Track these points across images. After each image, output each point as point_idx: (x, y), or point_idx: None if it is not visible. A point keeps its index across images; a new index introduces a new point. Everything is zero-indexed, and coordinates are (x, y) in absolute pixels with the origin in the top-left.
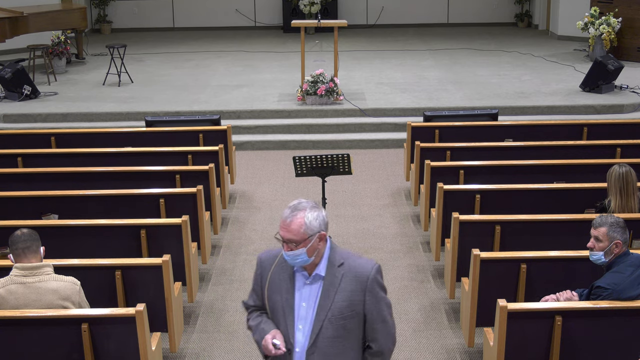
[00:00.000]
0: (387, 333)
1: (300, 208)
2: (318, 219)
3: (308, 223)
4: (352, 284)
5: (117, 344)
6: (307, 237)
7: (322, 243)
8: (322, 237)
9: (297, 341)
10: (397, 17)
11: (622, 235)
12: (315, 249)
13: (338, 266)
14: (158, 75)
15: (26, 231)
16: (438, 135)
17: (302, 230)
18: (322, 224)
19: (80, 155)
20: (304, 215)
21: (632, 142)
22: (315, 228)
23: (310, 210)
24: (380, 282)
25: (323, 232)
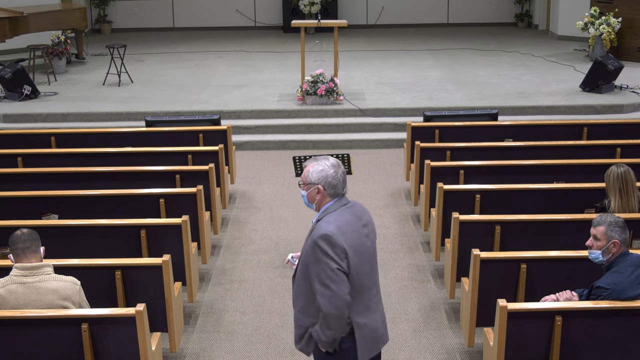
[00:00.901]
0: (323, 295)
1: (315, 160)
2: (320, 173)
3: (310, 173)
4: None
5: (117, 344)
6: (307, 183)
7: (320, 197)
8: (319, 191)
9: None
10: (397, 17)
11: (621, 235)
12: (313, 198)
13: (316, 222)
14: (158, 75)
15: (26, 231)
16: (438, 135)
17: (306, 176)
18: (322, 180)
19: (80, 155)
20: (313, 165)
21: (632, 142)
22: (313, 180)
23: (318, 164)
24: (320, 246)
25: (319, 187)
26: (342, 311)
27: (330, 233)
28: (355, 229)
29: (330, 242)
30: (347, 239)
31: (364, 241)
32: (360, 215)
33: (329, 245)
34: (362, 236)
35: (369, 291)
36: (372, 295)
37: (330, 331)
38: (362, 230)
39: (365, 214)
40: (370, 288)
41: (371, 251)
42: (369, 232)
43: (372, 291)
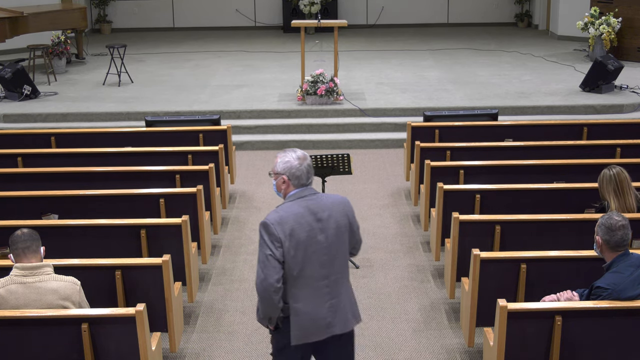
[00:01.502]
0: (257, 276)
1: (284, 151)
2: (285, 164)
3: (277, 163)
4: None
5: (117, 344)
6: (275, 172)
7: (285, 186)
8: (284, 180)
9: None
10: (397, 17)
11: (604, 235)
12: (280, 187)
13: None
14: (158, 75)
15: (26, 231)
16: (438, 135)
17: (274, 166)
18: (286, 171)
19: (80, 155)
20: (280, 155)
21: (632, 142)
22: (279, 170)
23: (285, 156)
24: (260, 231)
25: (284, 177)
26: (267, 293)
27: (269, 222)
28: (304, 222)
29: (267, 230)
30: (285, 229)
31: (314, 235)
32: (316, 209)
33: (265, 232)
34: (312, 229)
35: (318, 282)
36: (323, 287)
37: (262, 308)
38: (314, 224)
39: (329, 208)
40: (320, 279)
41: (324, 245)
42: (325, 227)
43: (323, 282)
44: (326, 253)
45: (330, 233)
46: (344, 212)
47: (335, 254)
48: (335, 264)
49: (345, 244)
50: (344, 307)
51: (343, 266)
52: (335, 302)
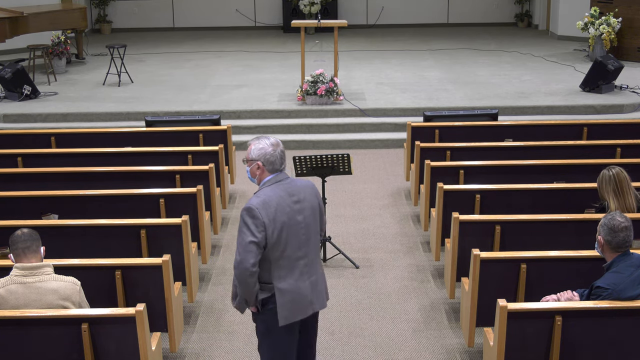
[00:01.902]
0: (235, 260)
1: (257, 138)
2: (260, 151)
3: (252, 150)
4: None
5: (117, 344)
6: (250, 159)
7: (260, 172)
8: (259, 166)
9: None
10: (397, 17)
11: (606, 236)
12: (254, 173)
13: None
14: (158, 75)
15: (26, 231)
16: (438, 135)
17: (249, 153)
18: (261, 157)
19: (80, 155)
20: (253, 142)
21: (632, 142)
22: (254, 156)
23: (259, 143)
24: (243, 217)
25: (259, 163)
26: (244, 277)
27: (253, 206)
28: (284, 204)
29: (252, 214)
30: (269, 212)
31: (294, 216)
32: (293, 192)
33: (250, 217)
34: (291, 211)
35: (298, 261)
36: (302, 266)
37: (240, 290)
38: (293, 206)
39: (303, 191)
40: (299, 259)
41: (303, 225)
42: (302, 208)
43: (303, 261)
44: (304, 233)
45: (306, 214)
46: (314, 194)
47: (311, 234)
48: (310, 244)
49: (317, 224)
50: (320, 284)
51: (317, 245)
52: (313, 279)
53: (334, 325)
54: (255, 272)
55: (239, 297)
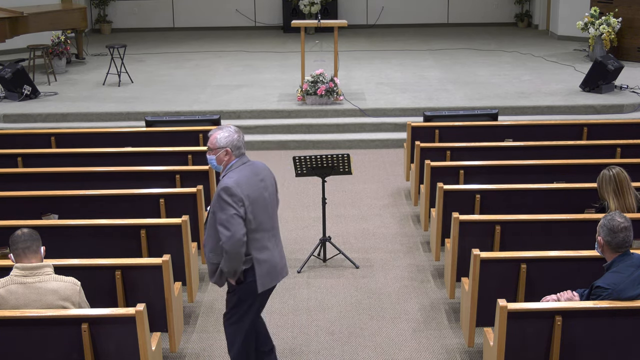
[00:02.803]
0: (223, 235)
1: (219, 129)
2: (227, 138)
3: (218, 139)
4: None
5: (117, 344)
6: (216, 147)
7: (228, 157)
8: (227, 152)
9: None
10: (397, 17)
11: (606, 236)
12: (222, 159)
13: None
14: (158, 75)
15: (26, 231)
16: (438, 135)
17: (215, 141)
18: (229, 143)
19: (80, 155)
20: (219, 132)
21: (632, 142)
22: (222, 144)
23: (223, 131)
24: (222, 196)
25: (228, 149)
26: (236, 248)
27: (230, 185)
28: (253, 182)
29: (230, 193)
30: (244, 190)
31: (261, 192)
32: (257, 172)
33: (228, 195)
34: (259, 188)
35: (267, 233)
36: (271, 236)
37: (230, 264)
38: (259, 184)
39: (263, 170)
40: (268, 230)
41: (269, 201)
42: (266, 186)
43: (270, 233)
44: (270, 207)
45: (270, 191)
46: (271, 174)
47: (273, 208)
48: (274, 217)
49: (275, 200)
50: (283, 253)
51: (277, 219)
52: (280, 248)
53: (334, 325)
54: (244, 242)
55: (226, 271)
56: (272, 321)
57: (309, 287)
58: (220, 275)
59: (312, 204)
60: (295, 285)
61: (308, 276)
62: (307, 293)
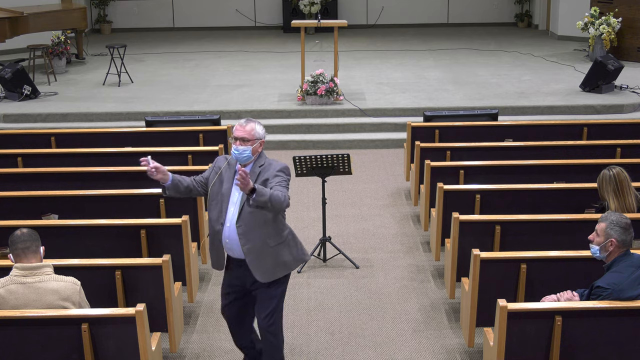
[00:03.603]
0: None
1: (252, 120)
2: (263, 129)
3: (258, 129)
4: (264, 175)
5: (117, 344)
6: (254, 138)
7: (261, 149)
8: (262, 143)
9: (228, 218)
10: (397, 17)
11: (620, 235)
12: (256, 151)
13: (260, 166)
14: (158, 75)
15: (26, 231)
16: (438, 135)
17: (253, 132)
18: (265, 134)
19: (80, 155)
20: (255, 123)
21: (632, 142)
22: (261, 135)
23: (258, 123)
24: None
25: (263, 140)
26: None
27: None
28: None
29: (289, 173)
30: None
31: None
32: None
33: (289, 175)
34: None
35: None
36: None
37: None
38: None
39: None
40: None
41: None
42: None
43: None
44: None
45: None
46: None
47: None
48: None
49: None
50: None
51: None
52: None
53: (334, 325)
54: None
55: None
56: None
57: (309, 287)
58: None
59: (312, 204)
60: (295, 285)
61: (308, 276)
62: (307, 293)
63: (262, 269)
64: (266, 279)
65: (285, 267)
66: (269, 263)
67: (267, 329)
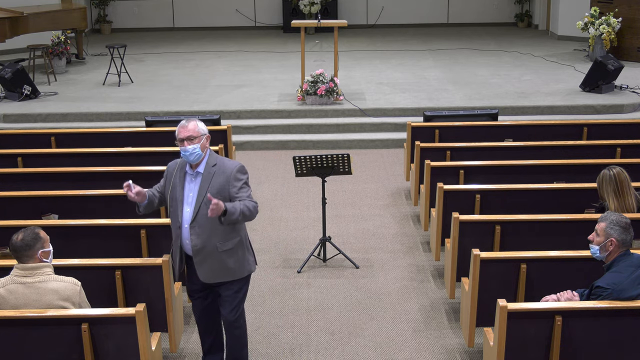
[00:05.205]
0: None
1: (191, 118)
2: (204, 125)
3: (200, 125)
4: (220, 178)
5: (117, 344)
6: (199, 135)
7: (208, 144)
8: (208, 138)
9: (184, 219)
10: (397, 17)
11: (620, 235)
12: (204, 147)
13: (212, 166)
14: (158, 75)
15: (20, 238)
16: (438, 135)
17: (197, 129)
18: (207, 130)
19: (80, 155)
20: (195, 120)
21: (632, 142)
22: (204, 131)
23: (197, 121)
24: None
25: (208, 135)
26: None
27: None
28: None
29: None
30: None
31: None
32: None
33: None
34: None
35: None
36: None
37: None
38: None
39: None
40: None
41: None
42: None
43: None
44: None
45: None
46: None
47: None
48: None
49: None
50: None
51: None
52: None
53: (334, 325)
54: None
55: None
56: (272, 321)
57: (309, 287)
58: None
59: (312, 204)
60: (295, 285)
61: (308, 276)
62: (307, 293)
63: (206, 270)
64: (208, 280)
65: (229, 273)
66: (215, 266)
67: (234, 323)
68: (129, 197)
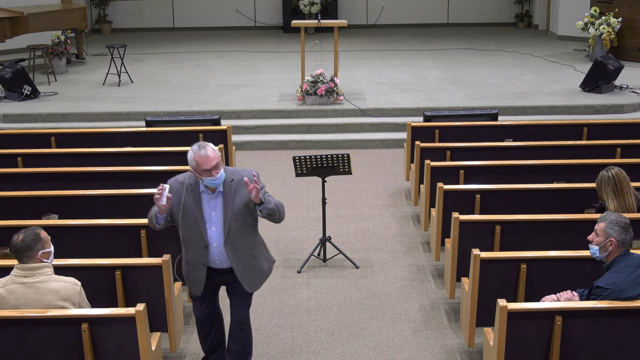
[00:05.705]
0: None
1: (204, 144)
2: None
3: (216, 149)
4: (242, 191)
5: (117, 344)
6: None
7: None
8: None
9: (213, 238)
10: (397, 17)
11: (619, 235)
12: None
13: (230, 182)
14: (158, 75)
15: (20, 239)
16: (438, 135)
17: (217, 154)
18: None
19: (80, 155)
20: (209, 145)
21: (632, 142)
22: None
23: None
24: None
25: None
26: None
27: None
28: None
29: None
30: None
31: None
32: None
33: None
34: None
35: None
36: None
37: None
38: None
39: None
40: None
41: None
42: None
43: None
44: None
45: None
46: None
47: None
48: None
49: None
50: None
51: None
52: None
53: (334, 325)
54: None
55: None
56: (272, 321)
57: (309, 287)
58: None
59: (312, 204)
60: (295, 285)
61: (308, 276)
62: (307, 293)
63: (251, 281)
64: (255, 289)
65: (265, 274)
66: (258, 274)
67: (245, 319)
68: (157, 202)
